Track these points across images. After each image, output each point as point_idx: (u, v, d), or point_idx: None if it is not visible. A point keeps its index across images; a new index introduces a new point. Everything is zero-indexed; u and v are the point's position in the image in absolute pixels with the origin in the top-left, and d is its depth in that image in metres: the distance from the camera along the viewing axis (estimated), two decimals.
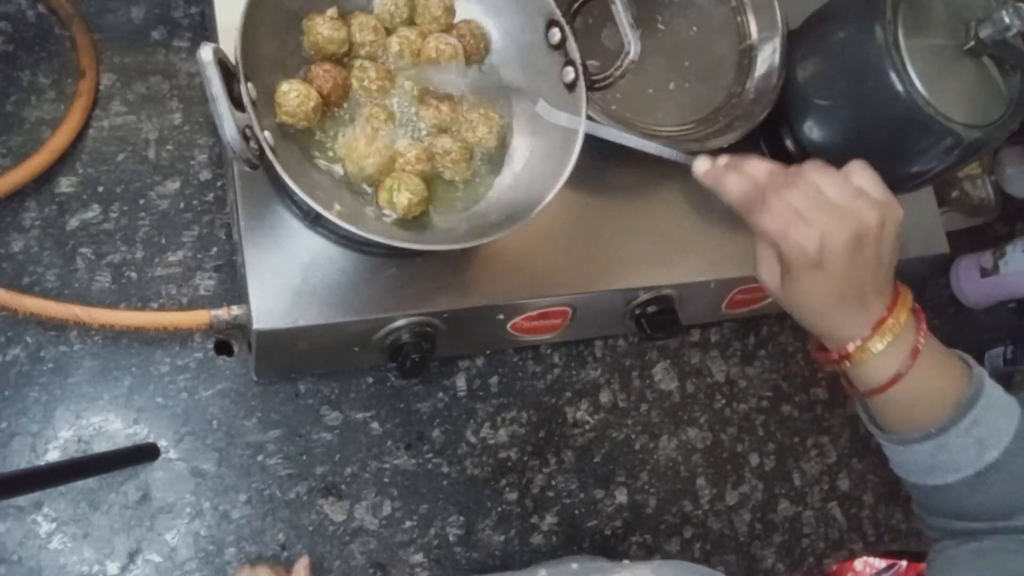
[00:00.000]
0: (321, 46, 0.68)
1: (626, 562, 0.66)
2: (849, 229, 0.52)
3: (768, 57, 0.84)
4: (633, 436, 0.90)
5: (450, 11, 0.73)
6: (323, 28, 0.68)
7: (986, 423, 0.56)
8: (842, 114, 0.78)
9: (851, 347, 0.55)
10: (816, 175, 0.54)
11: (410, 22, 0.72)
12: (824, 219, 0.52)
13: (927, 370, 0.56)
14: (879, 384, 0.56)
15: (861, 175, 0.55)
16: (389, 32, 0.72)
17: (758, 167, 0.56)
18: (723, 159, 0.58)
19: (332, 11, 0.69)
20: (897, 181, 0.81)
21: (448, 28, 0.73)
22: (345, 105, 0.69)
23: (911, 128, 0.72)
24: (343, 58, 0.70)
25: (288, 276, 0.68)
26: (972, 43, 0.72)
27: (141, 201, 0.78)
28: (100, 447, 0.73)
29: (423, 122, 0.71)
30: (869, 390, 0.57)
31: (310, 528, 0.77)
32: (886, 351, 0.55)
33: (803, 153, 0.82)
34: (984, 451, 0.55)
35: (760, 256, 0.56)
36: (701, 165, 0.58)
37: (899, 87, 0.70)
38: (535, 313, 0.77)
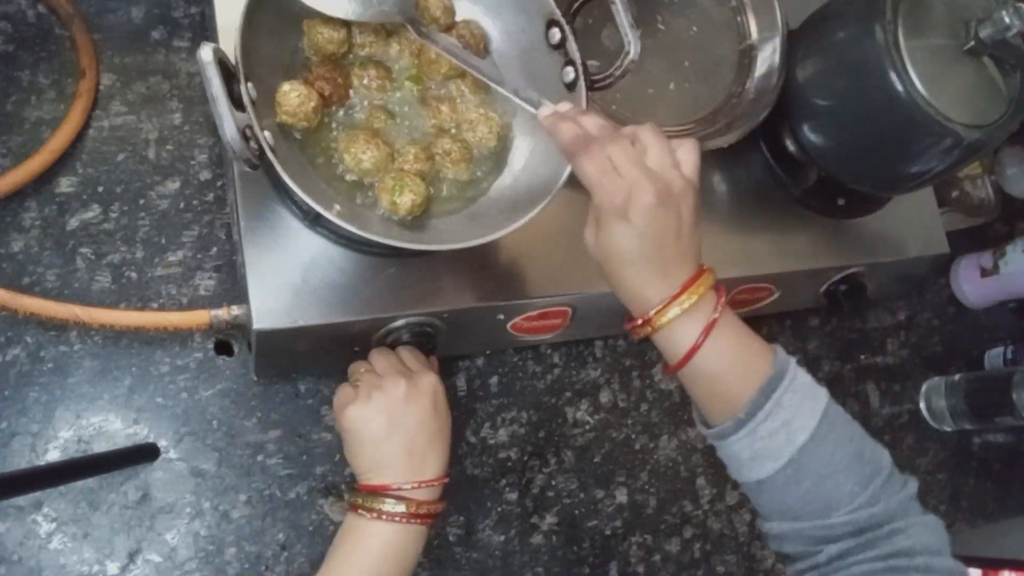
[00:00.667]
0: (321, 46, 0.68)
1: None
2: (655, 189, 0.56)
3: (768, 57, 0.84)
4: (633, 436, 0.90)
5: (450, 11, 0.73)
6: (323, 28, 0.68)
7: (791, 406, 0.58)
8: (842, 114, 0.78)
9: (652, 312, 0.58)
10: (645, 135, 0.58)
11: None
12: (635, 174, 0.56)
13: (726, 344, 0.58)
14: (681, 355, 0.58)
15: (685, 151, 0.60)
16: (389, 34, 0.72)
17: (592, 121, 0.60)
18: (564, 106, 0.62)
19: None
20: (897, 181, 0.82)
21: (448, 28, 0.73)
22: (345, 105, 0.69)
23: (911, 128, 0.72)
24: (343, 58, 0.70)
25: (288, 276, 0.68)
26: (972, 43, 0.72)
27: (141, 201, 0.78)
28: (100, 447, 0.73)
29: (423, 121, 0.71)
30: (675, 363, 0.59)
31: (310, 528, 0.77)
32: (684, 319, 0.57)
33: (803, 153, 0.82)
34: (793, 435, 0.57)
35: (591, 215, 0.59)
36: (544, 110, 0.62)
37: (899, 87, 0.70)
38: (535, 313, 0.77)
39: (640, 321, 0.59)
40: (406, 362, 0.70)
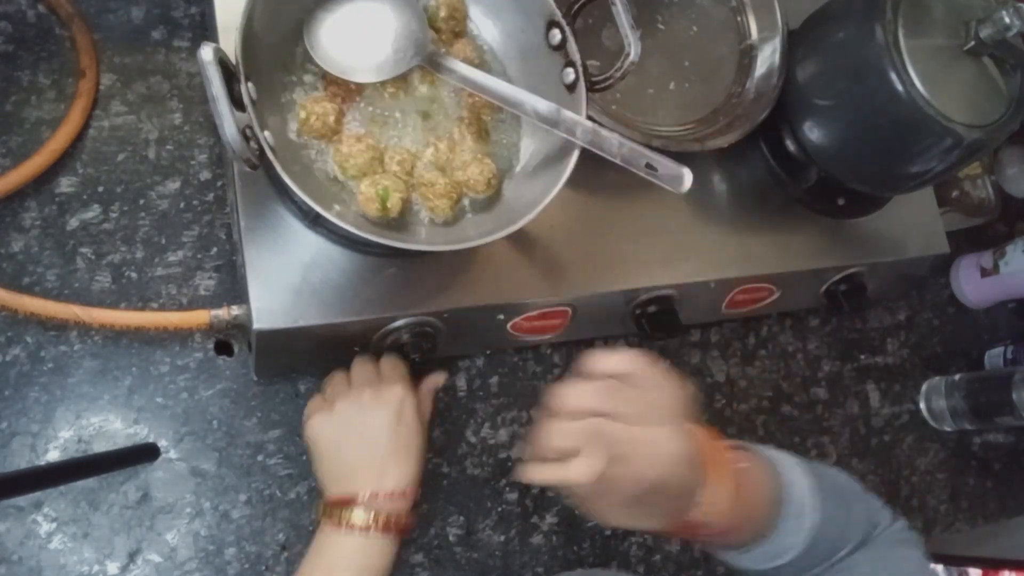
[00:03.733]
0: None
1: None
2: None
3: (768, 57, 0.84)
4: None
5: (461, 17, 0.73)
6: None
7: (796, 497, 0.59)
8: (842, 114, 0.78)
9: (698, 514, 0.55)
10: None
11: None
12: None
13: (751, 492, 0.58)
14: (722, 529, 0.57)
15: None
16: None
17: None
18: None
19: None
20: (897, 181, 0.82)
21: (458, 36, 0.73)
22: (351, 107, 0.69)
23: (911, 128, 0.72)
24: None
25: (288, 276, 0.68)
26: (972, 43, 0.71)
27: (141, 201, 0.78)
28: (100, 447, 0.73)
29: (420, 136, 0.71)
30: (720, 537, 0.59)
31: (310, 528, 0.77)
32: (718, 495, 0.55)
33: (803, 153, 0.82)
34: (803, 520, 0.59)
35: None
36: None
37: (899, 87, 0.70)
38: (535, 313, 0.77)
39: (696, 523, 0.56)
40: (382, 372, 0.70)
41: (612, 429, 0.50)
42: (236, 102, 0.57)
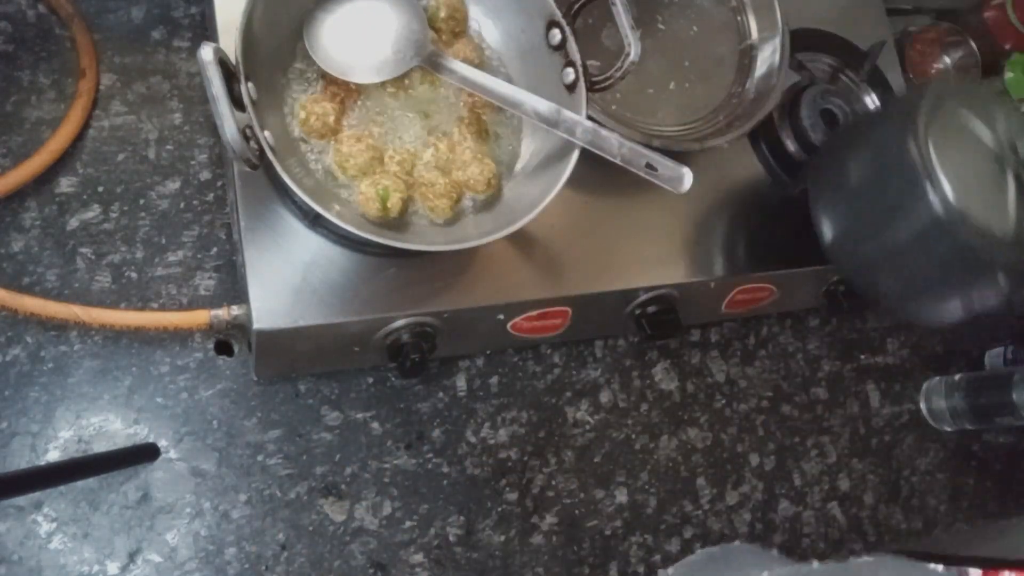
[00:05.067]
0: None
1: None
2: None
3: (768, 57, 0.84)
4: (633, 436, 0.90)
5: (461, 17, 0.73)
6: None
7: None
8: (875, 231, 0.75)
9: None
10: None
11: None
12: None
13: None
14: None
15: None
16: None
17: None
18: None
19: None
20: (938, 311, 0.78)
21: (458, 35, 0.73)
22: (356, 105, 0.69)
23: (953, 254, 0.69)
24: None
25: (288, 276, 0.68)
26: (1009, 158, 0.69)
27: (141, 201, 0.78)
28: (100, 447, 0.73)
29: (420, 136, 0.71)
30: None
31: (310, 528, 0.77)
32: None
33: (804, 153, 0.82)
34: None
35: None
36: None
37: (936, 205, 0.67)
38: (535, 313, 0.77)
39: None
40: None
41: None
42: (236, 102, 0.57)
